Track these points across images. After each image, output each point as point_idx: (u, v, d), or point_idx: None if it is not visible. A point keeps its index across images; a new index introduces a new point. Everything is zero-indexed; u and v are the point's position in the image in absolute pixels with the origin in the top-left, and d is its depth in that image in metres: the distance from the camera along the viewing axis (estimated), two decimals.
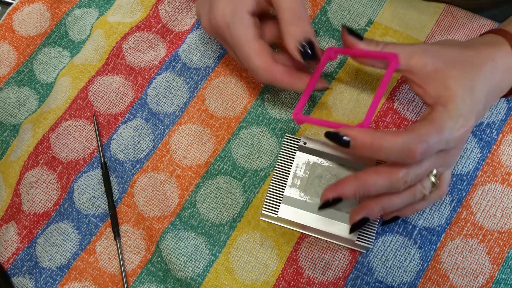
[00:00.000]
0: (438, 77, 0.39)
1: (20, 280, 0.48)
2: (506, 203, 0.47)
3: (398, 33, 0.53)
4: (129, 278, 0.48)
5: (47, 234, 0.49)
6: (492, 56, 0.40)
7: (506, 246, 0.46)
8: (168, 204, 0.49)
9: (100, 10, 0.58)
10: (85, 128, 0.52)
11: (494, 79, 0.40)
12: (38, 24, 0.58)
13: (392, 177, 0.38)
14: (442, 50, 0.40)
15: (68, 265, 0.48)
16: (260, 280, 0.46)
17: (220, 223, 0.48)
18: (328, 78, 0.52)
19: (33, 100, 0.55)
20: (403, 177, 0.38)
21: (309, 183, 0.47)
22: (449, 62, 0.39)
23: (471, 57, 0.40)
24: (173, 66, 0.54)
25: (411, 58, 0.40)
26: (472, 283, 0.46)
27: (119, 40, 0.54)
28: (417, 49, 0.40)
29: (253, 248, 0.47)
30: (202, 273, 0.47)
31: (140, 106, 0.53)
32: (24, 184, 0.50)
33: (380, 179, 0.38)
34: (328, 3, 0.55)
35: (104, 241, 0.49)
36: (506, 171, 0.48)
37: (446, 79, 0.38)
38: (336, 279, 0.46)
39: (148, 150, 0.51)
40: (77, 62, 0.54)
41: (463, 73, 0.39)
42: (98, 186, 0.50)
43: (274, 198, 0.47)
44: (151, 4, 0.56)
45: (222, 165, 0.50)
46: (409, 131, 0.37)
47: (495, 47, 0.41)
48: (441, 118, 0.37)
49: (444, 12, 0.54)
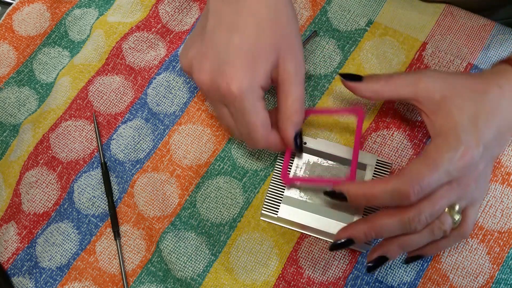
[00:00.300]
0: (444, 106, 0.39)
1: (20, 280, 0.48)
2: (506, 203, 0.47)
3: (398, 33, 0.53)
4: (129, 278, 0.48)
5: (47, 234, 0.49)
6: (499, 83, 0.39)
7: (506, 246, 0.46)
8: (168, 204, 0.49)
9: (100, 10, 0.58)
10: (85, 128, 0.52)
11: (503, 106, 0.39)
12: (38, 24, 0.58)
13: (403, 218, 0.38)
14: (448, 78, 0.40)
15: (68, 265, 0.48)
16: (260, 280, 0.46)
17: (220, 223, 0.48)
18: (328, 78, 0.52)
19: (33, 100, 0.55)
20: (414, 217, 0.37)
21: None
22: (454, 89, 0.39)
23: (476, 85, 0.39)
24: (173, 66, 0.54)
25: (417, 85, 0.40)
26: (472, 283, 0.46)
27: (119, 40, 0.54)
28: (422, 75, 0.40)
29: (253, 248, 0.47)
30: (202, 273, 0.47)
31: (140, 106, 0.52)
32: (24, 184, 0.50)
33: (390, 221, 0.38)
34: (328, 3, 0.55)
35: (104, 241, 0.49)
36: (506, 171, 0.48)
37: (451, 108, 0.38)
38: (336, 279, 0.46)
39: (148, 150, 0.51)
40: (77, 62, 0.54)
41: (467, 100, 0.38)
42: (98, 186, 0.50)
43: (274, 198, 0.47)
44: (151, 4, 0.56)
45: (222, 165, 0.50)
46: (400, 175, 0.37)
47: (501, 75, 0.40)
48: (437, 151, 0.37)
49: (444, 12, 0.54)
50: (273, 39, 0.40)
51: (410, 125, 0.50)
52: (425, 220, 0.38)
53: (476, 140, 0.37)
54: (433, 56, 0.52)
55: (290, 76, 0.41)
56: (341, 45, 0.53)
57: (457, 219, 0.39)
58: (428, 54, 0.52)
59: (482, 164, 0.39)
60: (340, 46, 0.53)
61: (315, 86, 0.52)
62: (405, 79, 0.41)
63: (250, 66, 0.39)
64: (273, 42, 0.40)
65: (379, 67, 0.52)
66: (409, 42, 0.53)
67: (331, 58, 0.53)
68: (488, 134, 0.38)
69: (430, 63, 0.52)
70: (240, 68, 0.38)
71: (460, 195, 0.39)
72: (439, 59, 0.52)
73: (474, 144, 0.37)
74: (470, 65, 0.52)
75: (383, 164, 0.47)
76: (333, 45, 0.53)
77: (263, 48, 0.39)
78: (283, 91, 0.41)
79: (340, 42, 0.53)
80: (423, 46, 0.53)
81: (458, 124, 0.38)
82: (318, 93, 0.52)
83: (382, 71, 0.52)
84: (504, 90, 0.39)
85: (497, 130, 0.39)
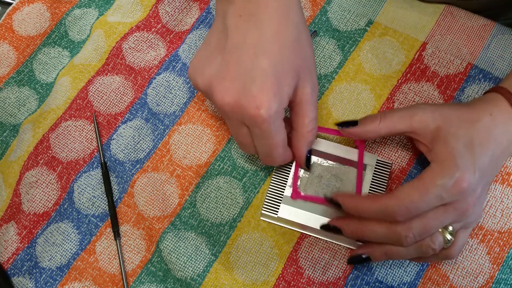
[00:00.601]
0: (440, 135, 0.40)
1: (20, 280, 0.48)
2: (506, 203, 0.47)
3: (398, 33, 0.53)
4: (129, 278, 0.48)
5: (47, 234, 0.49)
6: (489, 111, 0.41)
7: (506, 246, 0.46)
8: (168, 204, 0.49)
9: (100, 10, 0.58)
10: (85, 128, 0.52)
11: (496, 133, 0.40)
12: (38, 24, 0.58)
13: (390, 230, 0.39)
14: (441, 109, 0.41)
15: (68, 265, 0.48)
16: (260, 280, 0.46)
17: (220, 223, 0.48)
18: (328, 78, 0.52)
19: (33, 100, 0.55)
20: (402, 232, 0.39)
21: (309, 183, 0.47)
22: (448, 119, 0.41)
23: (469, 114, 0.41)
24: (173, 66, 0.54)
25: (412, 119, 0.41)
26: (472, 283, 0.46)
27: (119, 40, 0.54)
28: (416, 110, 0.42)
29: (253, 248, 0.47)
30: (202, 273, 0.47)
31: (140, 106, 0.52)
32: (24, 184, 0.50)
33: (378, 229, 0.40)
34: (328, 3, 0.55)
35: (104, 241, 0.49)
36: (506, 171, 0.48)
37: (447, 136, 0.40)
38: (336, 279, 0.46)
39: (148, 150, 0.51)
40: (77, 62, 0.54)
41: (461, 129, 0.40)
42: (98, 186, 0.50)
43: (274, 198, 0.47)
44: (151, 4, 0.56)
45: (222, 165, 0.50)
46: (390, 195, 0.39)
47: (491, 103, 0.42)
48: (430, 177, 0.38)
49: (444, 12, 0.54)
50: (296, 63, 0.40)
51: None
52: (413, 238, 0.39)
53: (473, 165, 0.39)
54: (433, 56, 0.52)
55: (308, 98, 0.41)
56: (341, 45, 0.53)
57: (449, 239, 0.40)
58: (428, 54, 0.52)
59: (479, 189, 0.40)
60: (340, 46, 0.53)
61: None
62: (399, 115, 0.42)
63: (277, 90, 0.39)
64: (296, 66, 0.40)
65: (379, 67, 0.52)
66: (409, 42, 0.53)
67: (331, 58, 0.53)
68: (484, 160, 0.39)
69: (430, 63, 0.52)
70: (268, 92, 0.38)
71: (455, 219, 0.40)
72: (439, 59, 0.52)
73: (471, 169, 0.38)
74: (470, 65, 0.52)
75: (383, 164, 0.47)
76: (333, 45, 0.53)
77: (288, 72, 0.39)
78: (301, 112, 0.42)
79: (340, 42, 0.53)
80: (423, 46, 0.53)
81: (455, 151, 0.39)
82: (318, 93, 0.52)
83: (382, 71, 0.52)
84: (496, 118, 0.41)
85: (492, 156, 0.40)
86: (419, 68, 0.52)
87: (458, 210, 0.39)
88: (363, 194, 0.46)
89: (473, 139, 0.40)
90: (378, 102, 0.51)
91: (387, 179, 0.47)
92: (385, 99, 0.51)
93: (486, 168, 0.40)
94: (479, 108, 0.41)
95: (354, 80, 0.52)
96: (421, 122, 0.41)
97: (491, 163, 0.40)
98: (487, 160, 0.40)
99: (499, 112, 0.41)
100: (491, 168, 0.41)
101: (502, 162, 0.42)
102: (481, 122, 0.40)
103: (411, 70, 0.52)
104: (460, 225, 0.41)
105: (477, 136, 0.40)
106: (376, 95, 0.51)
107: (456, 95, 0.51)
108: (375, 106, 0.51)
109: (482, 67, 0.52)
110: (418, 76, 0.52)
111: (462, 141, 0.39)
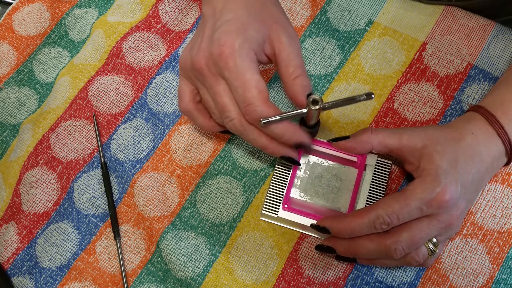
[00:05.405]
0: (426, 152, 0.42)
1: (20, 280, 0.48)
2: (506, 203, 0.47)
3: (398, 33, 0.53)
4: (129, 278, 0.48)
5: (47, 234, 0.49)
6: (471, 130, 0.43)
7: (506, 246, 0.46)
8: (168, 204, 0.49)
9: (100, 10, 0.58)
10: (85, 128, 0.52)
11: (479, 150, 0.42)
12: (38, 24, 0.58)
13: (380, 244, 0.41)
14: (426, 130, 0.43)
15: (68, 265, 0.48)
16: (260, 280, 0.46)
17: (220, 223, 0.48)
18: (328, 78, 0.52)
19: (33, 100, 0.55)
20: (392, 245, 0.40)
21: (309, 183, 0.47)
22: (434, 138, 0.43)
23: (452, 134, 0.43)
24: (173, 66, 0.54)
25: (401, 139, 0.43)
26: (472, 283, 0.46)
27: (119, 40, 0.54)
28: (405, 130, 0.44)
29: (253, 248, 0.47)
30: (202, 273, 0.47)
31: (140, 106, 0.52)
32: (24, 184, 0.50)
33: (369, 244, 0.41)
34: (328, 3, 0.55)
35: (104, 241, 0.49)
36: (506, 171, 0.48)
37: (433, 153, 0.42)
38: (336, 279, 0.46)
39: (148, 150, 0.51)
40: (77, 62, 0.54)
41: (447, 147, 0.42)
42: (98, 186, 0.50)
43: (274, 198, 0.47)
44: (151, 4, 0.56)
45: (222, 165, 0.50)
46: (371, 207, 0.41)
47: (472, 123, 0.44)
48: (412, 190, 0.40)
49: (444, 12, 0.54)
50: (262, 16, 0.42)
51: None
52: (402, 250, 0.40)
53: (456, 181, 0.41)
54: (433, 56, 0.52)
55: (285, 46, 0.42)
56: (341, 45, 0.53)
57: (433, 250, 0.42)
58: (428, 54, 0.52)
59: (463, 203, 0.41)
60: (340, 46, 0.53)
61: (315, 86, 0.52)
62: (389, 131, 0.44)
63: (241, 31, 0.41)
64: (262, 18, 0.42)
65: (379, 67, 0.52)
66: (409, 42, 0.53)
67: (331, 58, 0.53)
68: (467, 177, 0.42)
69: (430, 63, 0.52)
70: (232, 32, 0.41)
71: (440, 231, 0.41)
72: (439, 59, 0.52)
73: (453, 184, 0.40)
74: (470, 65, 0.52)
75: (383, 164, 0.47)
76: (333, 45, 0.53)
77: (253, 21, 0.42)
78: (283, 62, 0.42)
79: (340, 42, 0.53)
80: (423, 46, 0.53)
81: (439, 167, 0.41)
82: (318, 93, 0.52)
83: (382, 71, 0.52)
84: (478, 137, 0.43)
85: (476, 174, 0.42)
86: (419, 68, 0.52)
87: (442, 223, 0.41)
88: (363, 194, 0.46)
89: (458, 156, 0.42)
90: (378, 102, 0.51)
91: (387, 179, 0.47)
92: (385, 99, 0.51)
93: (469, 184, 0.42)
94: (461, 128, 0.43)
95: (354, 80, 0.52)
96: (409, 140, 0.43)
97: (475, 180, 0.42)
98: (471, 177, 0.42)
99: (480, 131, 0.43)
100: (476, 184, 0.43)
101: (487, 178, 0.45)
102: (465, 141, 0.42)
103: (411, 70, 0.52)
104: (444, 238, 0.42)
105: (462, 154, 0.42)
106: (376, 95, 0.51)
107: (456, 95, 0.51)
108: (375, 106, 0.51)
109: (482, 67, 0.52)
110: (418, 76, 0.52)
111: (447, 158, 0.41)
